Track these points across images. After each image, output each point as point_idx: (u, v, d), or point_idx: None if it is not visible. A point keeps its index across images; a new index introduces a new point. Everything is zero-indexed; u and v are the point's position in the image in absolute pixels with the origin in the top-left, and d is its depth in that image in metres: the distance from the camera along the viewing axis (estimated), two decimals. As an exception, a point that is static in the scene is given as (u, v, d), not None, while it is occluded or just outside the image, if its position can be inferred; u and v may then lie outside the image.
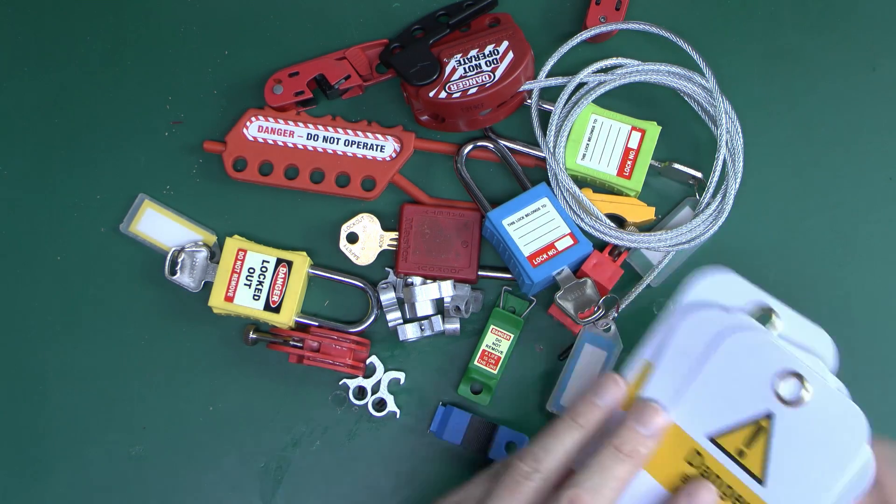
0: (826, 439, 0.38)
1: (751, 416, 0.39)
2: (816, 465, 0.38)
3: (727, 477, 0.39)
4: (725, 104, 0.56)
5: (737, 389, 0.39)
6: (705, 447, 0.39)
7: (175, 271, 0.56)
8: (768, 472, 0.38)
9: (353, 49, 0.59)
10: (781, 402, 0.38)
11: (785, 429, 0.38)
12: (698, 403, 0.40)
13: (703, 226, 0.55)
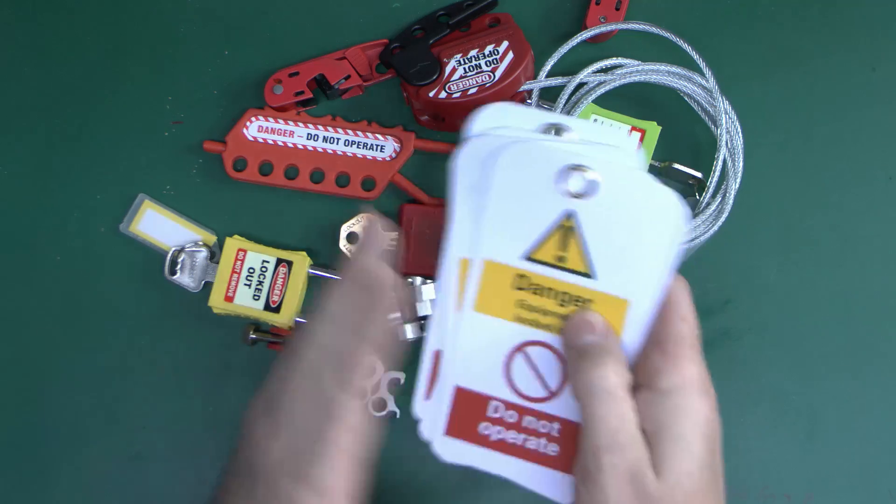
0: (636, 215, 0.37)
1: (553, 221, 0.38)
2: (636, 242, 0.37)
3: (558, 285, 0.38)
4: (725, 104, 0.56)
5: (529, 202, 0.38)
6: (525, 268, 0.38)
7: (175, 271, 0.56)
8: (593, 265, 0.38)
9: (353, 49, 0.59)
10: (575, 197, 0.37)
11: (590, 221, 0.38)
12: (498, 230, 0.38)
13: (703, 226, 0.55)
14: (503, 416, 0.39)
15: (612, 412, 0.35)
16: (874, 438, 0.55)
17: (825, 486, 0.54)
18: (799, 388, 0.56)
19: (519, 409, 0.39)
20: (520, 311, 0.39)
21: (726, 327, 0.56)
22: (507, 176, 0.38)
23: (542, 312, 0.39)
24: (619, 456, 0.35)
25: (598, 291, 0.38)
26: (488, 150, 0.38)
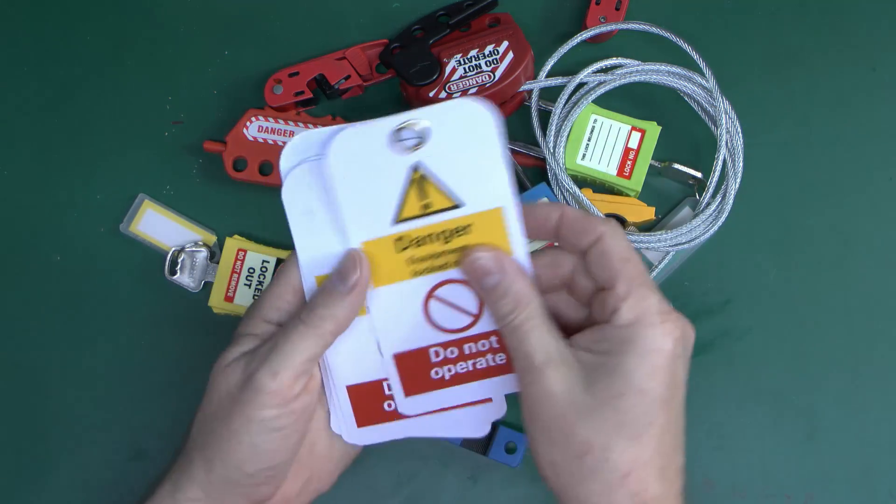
0: (467, 137, 0.40)
1: (404, 180, 0.40)
2: (477, 159, 0.40)
3: (436, 228, 0.41)
4: (725, 104, 0.56)
5: (375, 175, 0.40)
6: (400, 230, 0.41)
7: (175, 271, 0.56)
8: (455, 196, 0.40)
9: (353, 49, 0.59)
10: (413, 150, 0.40)
11: (435, 162, 0.40)
12: (359, 213, 0.41)
13: (703, 226, 0.55)
14: (446, 356, 0.42)
15: (524, 343, 0.38)
16: (874, 438, 0.55)
17: (825, 486, 0.54)
18: (799, 388, 0.56)
19: (455, 343, 0.42)
20: (414, 266, 0.41)
21: (726, 327, 0.56)
22: (344, 161, 0.40)
23: (433, 257, 0.41)
24: (535, 376, 0.37)
25: (471, 214, 0.41)
26: (310, 164, 0.42)
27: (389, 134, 0.40)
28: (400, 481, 0.55)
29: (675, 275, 0.57)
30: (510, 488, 0.54)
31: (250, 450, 0.40)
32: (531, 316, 0.39)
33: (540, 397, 0.37)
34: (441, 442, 0.55)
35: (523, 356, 0.38)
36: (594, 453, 0.36)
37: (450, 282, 0.41)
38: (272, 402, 0.39)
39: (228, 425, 0.40)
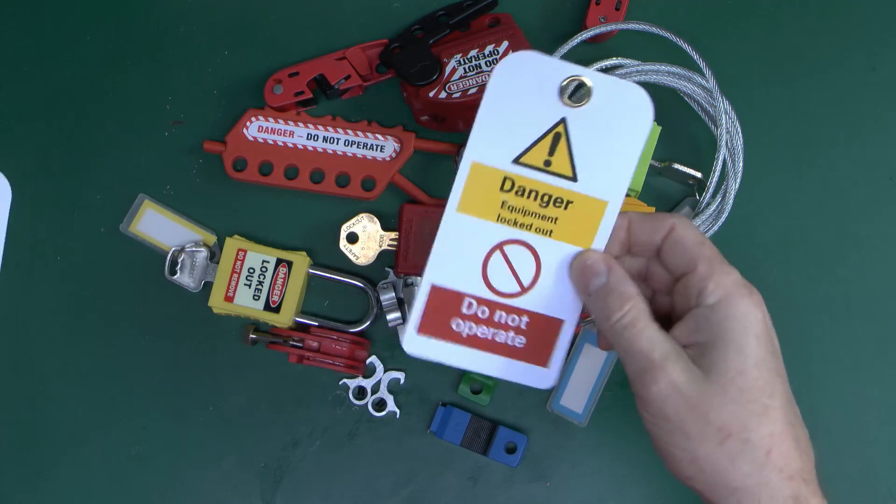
0: (618, 123, 0.41)
1: (545, 127, 0.40)
2: (616, 148, 0.41)
3: (543, 187, 0.41)
4: (725, 104, 0.56)
5: (526, 107, 0.40)
6: (512, 171, 0.41)
7: (175, 271, 0.56)
8: (577, 169, 0.41)
9: (353, 49, 0.58)
10: (569, 105, 0.40)
11: (580, 127, 0.40)
12: (491, 134, 0.41)
13: (703, 226, 0.55)
14: (476, 313, 0.42)
15: (638, 342, 0.38)
16: (874, 438, 0.55)
17: (825, 486, 0.54)
18: (799, 388, 0.55)
19: (491, 305, 0.42)
20: (502, 211, 0.41)
21: (726, 327, 0.56)
22: (507, 80, 0.40)
23: (522, 213, 0.41)
24: (657, 373, 0.37)
25: (579, 193, 0.41)
26: (538, 55, 0.41)
27: (562, 78, 0.40)
28: (400, 481, 0.55)
29: (675, 275, 0.57)
30: (510, 488, 0.54)
31: None
32: (639, 315, 0.39)
33: (667, 394, 0.37)
34: (441, 442, 0.55)
35: (639, 355, 0.38)
36: (734, 436, 0.37)
37: (522, 244, 0.41)
38: None
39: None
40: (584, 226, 0.41)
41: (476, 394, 0.55)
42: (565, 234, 0.41)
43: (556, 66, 0.40)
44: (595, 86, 0.41)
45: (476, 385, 0.55)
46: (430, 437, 0.55)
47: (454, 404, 0.55)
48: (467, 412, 0.54)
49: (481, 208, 0.41)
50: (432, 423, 0.55)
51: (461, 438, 0.54)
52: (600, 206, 0.41)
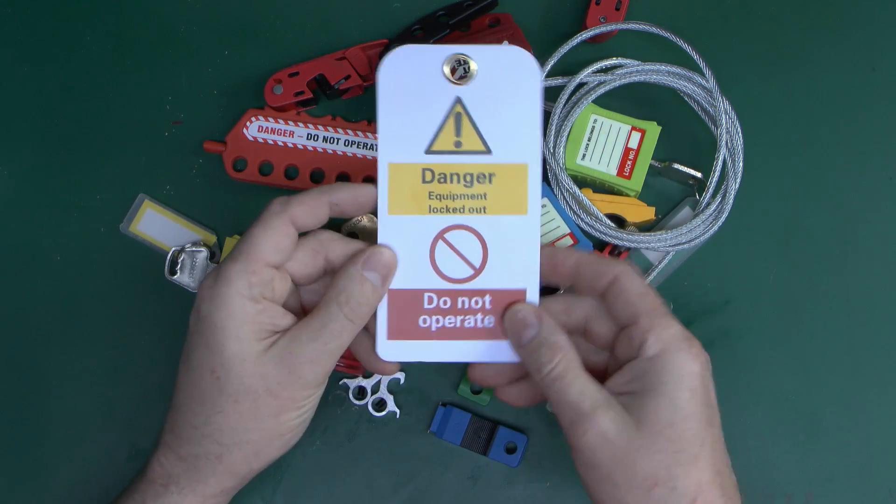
0: (509, 87, 0.41)
1: (444, 111, 0.41)
2: (516, 110, 0.41)
3: (462, 168, 0.42)
4: (725, 104, 0.56)
5: (418, 99, 0.41)
6: (428, 161, 0.42)
7: (175, 271, 0.56)
8: (487, 141, 0.42)
9: (353, 49, 0.59)
10: (459, 84, 0.41)
11: (476, 101, 0.41)
12: (396, 132, 0.42)
13: (703, 226, 0.55)
14: (438, 305, 0.43)
15: (568, 393, 0.39)
16: (874, 438, 0.55)
17: (825, 486, 0.54)
18: (799, 388, 0.56)
19: (450, 294, 0.42)
20: (431, 202, 0.42)
21: (726, 327, 0.56)
22: (393, 79, 0.41)
23: (451, 198, 0.42)
24: (586, 424, 0.38)
25: (498, 164, 0.42)
26: (415, 48, 0.42)
27: (442, 61, 0.41)
28: (400, 481, 0.55)
29: (675, 275, 0.57)
30: (510, 488, 0.54)
31: (299, 427, 0.43)
32: (570, 366, 0.40)
33: (596, 444, 0.38)
34: (441, 442, 0.55)
35: (569, 406, 0.39)
36: (661, 484, 0.38)
37: (461, 227, 0.42)
38: (320, 388, 0.42)
39: (278, 419, 0.41)
40: (513, 193, 0.42)
41: (476, 394, 0.55)
42: (499, 207, 0.42)
43: (434, 51, 0.41)
44: (476, 58, 0.41)
45: (476, 385, 0.55)
46: (430, 437, 0.55)
47: (454, 404, 0.55)
48: (467, 412, 0.54)
49: (411, 205, 0.42)
50: (432, 423, 0.55)
51: (461, 438, 0.54)
52: (521, 169, 0.42)
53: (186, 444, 0.42)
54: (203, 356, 0.41)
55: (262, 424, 0.41)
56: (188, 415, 0.42)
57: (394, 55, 0.41)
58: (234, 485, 0.43)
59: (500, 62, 0.41)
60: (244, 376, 0.40)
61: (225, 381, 0.40)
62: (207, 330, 0.41)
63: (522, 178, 0.42)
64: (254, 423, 0.41)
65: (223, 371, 0.40)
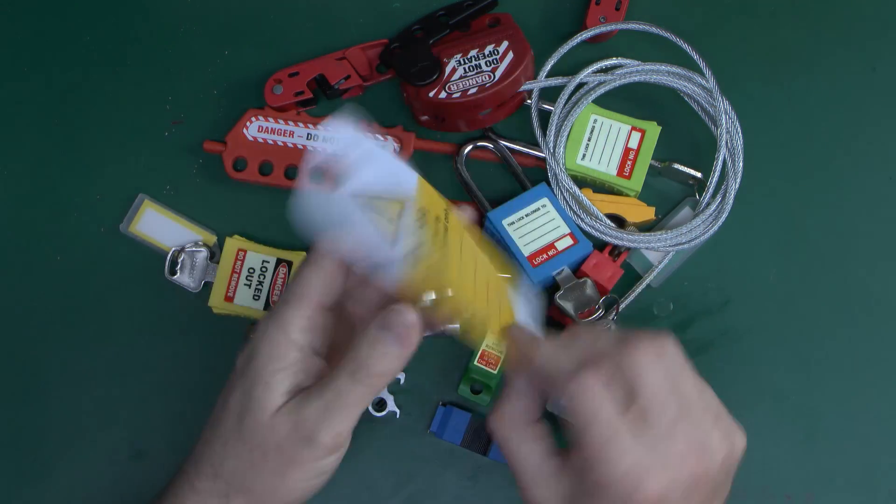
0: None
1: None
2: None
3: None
4: (725, 104, 0.56)
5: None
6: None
7: (175, 271, 0.56)
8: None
9: (353, 49, 0.59)
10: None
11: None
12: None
13: (703, 226, 0.55)
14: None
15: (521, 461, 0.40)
16: (874, 438, 0.55)
17: (825, 486, 0.54)
18: (799, 388, 0.56)
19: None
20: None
21: (726, 327, 0.56)
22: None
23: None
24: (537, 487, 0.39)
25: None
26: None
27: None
28: (400, 481, 0.55)
29: (675, 275, 0.57)
30: (510, 488, 0.54)
31: (301, 494, 0.41)
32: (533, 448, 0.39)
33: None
34: (441, 442, 0.55)
35: (513, 472, 0.39)
36: None
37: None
38: (331, 455, 0.40)
39: (284, 476, 0.40)
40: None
41: (476, 394, 0.55)
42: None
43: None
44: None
45: (476, 385, 0.55)
46: (430, 437, 0.55)
47: (454, 404, 0.55)
48: (467, 412, 0.54)
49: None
50: (432, 423, 0.55)
51: (461, 438, 0.54)
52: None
53: (203, 479, 0.42)
54: (237, 398, 0.41)
55: (269, 479, 0.41)
56: (209, 451, 0.42)
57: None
58: None
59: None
60: (259, 426, 0.40)
61: (244, 427, 0.40)
62: (249, 372, 0.41)
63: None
64: (261, 475, 0.41)
65: (246, 415, 0.40)
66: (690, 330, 0.56)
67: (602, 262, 0.54)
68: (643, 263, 0.57)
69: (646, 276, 0.56)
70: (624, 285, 0.56)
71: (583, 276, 0.54)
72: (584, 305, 0.53)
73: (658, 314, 0.56)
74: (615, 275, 0.54)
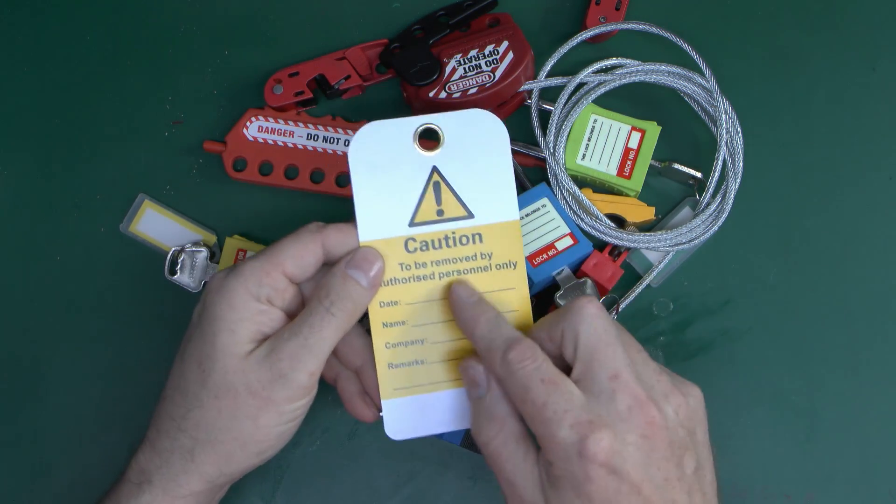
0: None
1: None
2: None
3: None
4: (725, 104, 0.56)
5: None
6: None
7: (175, 271, 0.56)
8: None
9: (353, 49, 0.59)
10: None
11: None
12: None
13: (703, 226, 0.55)
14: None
15: (504, 470, 0.39)
16: (874, 438, 0.55)
17: (825, 486, 0.54)
18: (799, 388, 0.56)
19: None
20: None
21: (726, 327, 0.56)
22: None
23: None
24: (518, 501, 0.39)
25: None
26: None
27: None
28: (400, 481, 0.55)
29: (675, 275, 0.57)
30: (510, 488, 0.54)
31: (276, 439, 0.42)
32: (507, 441, 0.39)
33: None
34: (441, 442, 0.55)
35: (505, 481, 0.39)
36: None
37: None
38: (304, 395, 0.41)
39: (256, 421, 0.40)
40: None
41: (476, 394, 0.55)
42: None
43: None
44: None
45: (476, 385, 0.55)
46: (430, 437, 0.55)
47: (454, 404, 0.55)
48: (467, 412, 0.54)
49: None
50: (432, 423, 0.55)
51: (461, 438, 0.54)
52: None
53: (164, 438, 0.42)
54: (195, 347, 0.41)
55: (239, 425, 0.41)
56: (170, 406, 0.42)
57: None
58: (202, 488, 0.42)
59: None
60: (227, 371, 0.40)
61: (209, 375, 0.40)
62: (206, 320, 0.41)
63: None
64: (230, 422, 0.41)
65: (209, 363, 0.40)
66: (690, 330, 0.56)
67: (602, 262, 0.54)
68: (643, 263, 0.57)
69: (646, 276, 0.56)
70: (624, 285, 0.56)
71: (583, 276, 0.54)
72: (584, 305, 0.53)
73: (658, 314, 0.56)
74: (615, 275, 0.54)
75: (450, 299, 0.42)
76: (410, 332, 0.43)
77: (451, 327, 0.43)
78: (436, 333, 0.43)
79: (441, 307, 0.43)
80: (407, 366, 0.43)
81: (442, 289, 0.43)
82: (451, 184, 0.42)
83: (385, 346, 0.43)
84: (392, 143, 0.41)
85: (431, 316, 0.43)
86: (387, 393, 0.43)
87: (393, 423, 0.43)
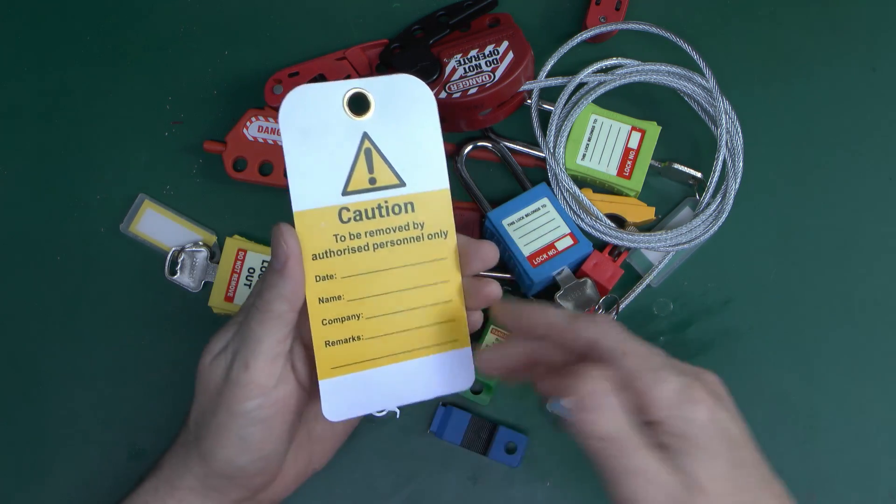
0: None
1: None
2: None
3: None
4: (725, 104, 0.56)
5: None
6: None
7: (175, 271, 0.56)
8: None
9: (353, 49, 0.59)
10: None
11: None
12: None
13: (703, 226, 0.55)
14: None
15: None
16: (874, 438, 0.55)
17: (825, 486, 0.54)
18: (799, 388, 0.56)
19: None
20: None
21: (726, 327, 0.56)
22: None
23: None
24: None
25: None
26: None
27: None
28: (400, 481, 0.55)
29: (675, 275, 0.57)
30: (510, 488, 0.54)
31: (239, 443, 0.41)
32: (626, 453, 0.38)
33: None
34: (441, 442, 0.55)
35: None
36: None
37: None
38: (251, 394, 0.40)
39: (216, 419, 0.41)
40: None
41: (476, 394, 0.55)
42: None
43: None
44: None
45: (476, 385, 0.55)
46: (430, 437, 0.55)
47: (454, 404, 0.55)
48: (467, 412, 0.54)
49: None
50: (432, 423, 0.55)
51: (461, 438, 0.54)
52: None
53: (181, 433, 0.45)
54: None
55: (215, 425, 0.42)
56: (192, 410, 0.45)
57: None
58: (195, 484, 0.43)
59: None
60: (200, 373, 0.43)
61: (198, 377, 0.43)
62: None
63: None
64: (211, 421, 0.42)
65: (198, 366, 0.44)
66: (690, 330, 0.56)
67: (602, 262, 0.54)
68: (643, 263, 0.57)
69: (646, 276, 0.56)
70: (624, 285, 0.56)
71: (583, 276, 0.54)
72: (584, 305, 0.53)
73: (658, 314, 0.56)
74: (615, 275, 0.54)
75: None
76: (347, 307, 0.42)
77: (387, 301, 0.42)
78: (372, 308, 0.42)
79: (376, 280, 0.42)
80: (344, 342, 0.42)
81: (377, 260, 0.42)
82: (382, 151, 0.41)
83: (322, 322, 0.41)
84: (321, 108, 0.40)
85: (367, 289, 0.42)
86: (324, 372, 0.41)
87: (331, 404, 0.42)
